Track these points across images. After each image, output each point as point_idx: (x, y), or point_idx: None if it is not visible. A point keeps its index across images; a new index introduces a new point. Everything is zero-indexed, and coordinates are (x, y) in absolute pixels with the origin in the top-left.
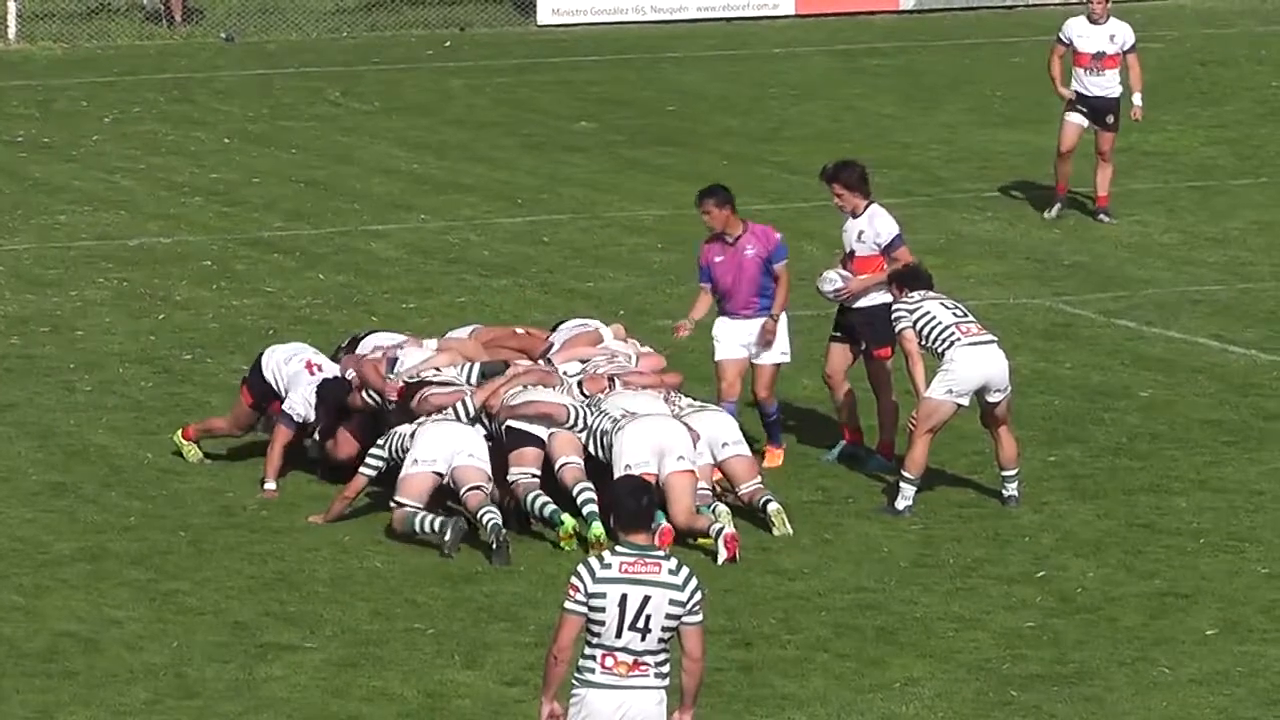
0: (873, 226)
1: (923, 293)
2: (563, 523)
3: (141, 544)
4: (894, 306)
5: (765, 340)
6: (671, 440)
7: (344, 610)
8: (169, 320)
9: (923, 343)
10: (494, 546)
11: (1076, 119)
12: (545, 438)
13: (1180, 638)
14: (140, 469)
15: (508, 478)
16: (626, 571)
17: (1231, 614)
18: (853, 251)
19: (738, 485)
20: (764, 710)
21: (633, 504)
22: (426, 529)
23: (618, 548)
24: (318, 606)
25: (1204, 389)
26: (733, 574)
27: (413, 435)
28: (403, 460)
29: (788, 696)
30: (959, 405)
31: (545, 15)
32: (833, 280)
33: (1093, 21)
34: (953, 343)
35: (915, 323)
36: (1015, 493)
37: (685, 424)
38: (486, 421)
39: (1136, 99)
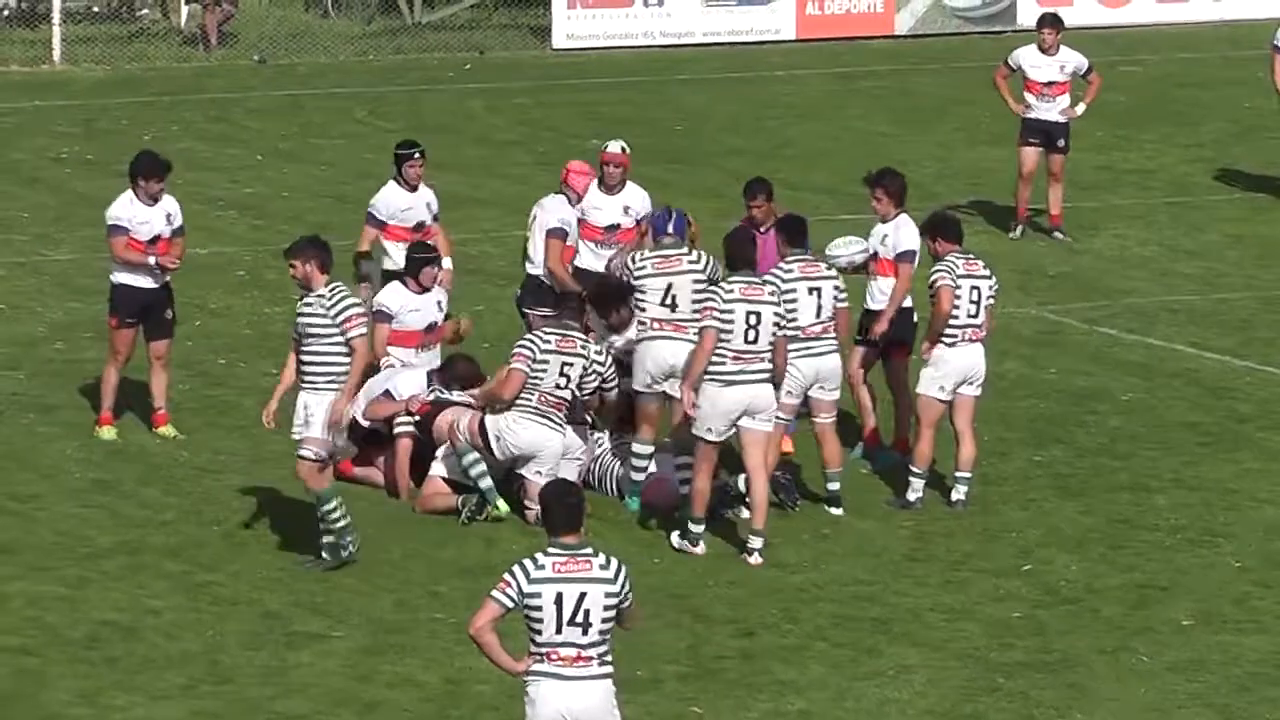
0: (896, 234)
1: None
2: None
3: (178, 538)
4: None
5: None
6: None
7: (369, 601)
8: (204, 327)
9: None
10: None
11: (1032, 146)
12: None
13: (1158, 628)
14: (177, 467)
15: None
16: (559, 571)
17: (1207, 605)
18: (875, 253)
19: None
20: (765, 695)
21: (561, 508)
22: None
23: (549, 549)
24: (344, 597)
25: (1181, 393)
26: (736, 568)
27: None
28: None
29: (787, 682)
30: (946, 401)
31: (560, 40)
32: (848, 244)
33: (1044, 52)
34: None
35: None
36: (963, 497)
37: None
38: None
39: (1080, 108)
